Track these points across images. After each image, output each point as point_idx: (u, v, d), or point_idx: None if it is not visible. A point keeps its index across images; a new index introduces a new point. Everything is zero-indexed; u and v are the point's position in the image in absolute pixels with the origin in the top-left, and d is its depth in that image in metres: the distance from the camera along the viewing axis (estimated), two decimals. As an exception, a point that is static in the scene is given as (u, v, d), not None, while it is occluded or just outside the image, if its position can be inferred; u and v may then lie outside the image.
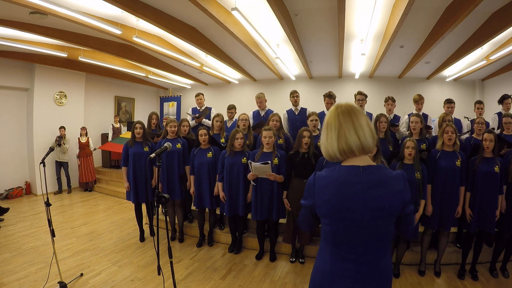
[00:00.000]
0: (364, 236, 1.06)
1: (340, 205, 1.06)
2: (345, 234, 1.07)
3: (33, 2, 3.33)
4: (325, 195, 1.09)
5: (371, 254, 1.07)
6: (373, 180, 1.06)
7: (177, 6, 4.08)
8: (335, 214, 1.08)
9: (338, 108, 1.12)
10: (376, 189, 1.05)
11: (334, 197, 1.07)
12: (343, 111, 1.10)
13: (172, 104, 9.70)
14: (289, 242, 3.39)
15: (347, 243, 1.08)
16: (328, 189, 1.09)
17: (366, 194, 1.05)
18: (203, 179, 3.59)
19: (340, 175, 1.09)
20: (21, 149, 6.67)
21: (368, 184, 1.05)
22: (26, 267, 3.20)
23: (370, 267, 1.07)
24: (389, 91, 6.45)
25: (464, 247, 3.06)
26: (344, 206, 1.06)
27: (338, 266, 1.09)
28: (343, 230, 1.07)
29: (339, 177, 1.08)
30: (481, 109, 4.14)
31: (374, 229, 1.06)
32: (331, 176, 1.10)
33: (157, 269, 1.97)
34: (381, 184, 1.06)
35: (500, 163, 2.85)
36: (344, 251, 1.08)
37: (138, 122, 3.81)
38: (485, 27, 4.26)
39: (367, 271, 1.07)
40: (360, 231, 1.06)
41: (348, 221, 1.06)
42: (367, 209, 1.05)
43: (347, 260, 1.07)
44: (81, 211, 5.53)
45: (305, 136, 3.16)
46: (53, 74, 6.79)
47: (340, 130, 1.07)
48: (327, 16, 4.33)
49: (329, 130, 1.10)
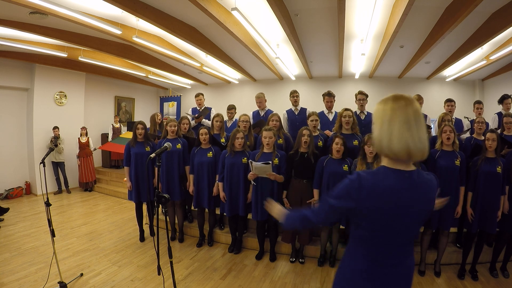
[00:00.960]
0: (401, 239, 1.06)
1: (390, 213, 1.02)
2: (384, 239, 1.05)
3: (33, 2, 3.33)
4: (376, 201, 1.01)
5: (403, 255, 1.07)
6: (417, 186, 1.03)
7: (177, 6, 4.08)
8: (382, 221, 1.03)
9: (405, 99, 1.03)
10: (419, 195, 1.03)
11: (386, 205, 1.01)
12: (408, 104, 1.02)
13: (172, 104, 9.70)
14: (289, 242, 3.39)
15: (384, 247, 1.06)
16: (380, 195, 1.01)
17: (411, 200, 1.03)
18: (203, 179, 3.59)
19: (390, 181, 1.01)
20: (21, 149, 6.67)
21: (413, 191, 1.03)
22: (26, 267, 3.20)
23: (401, 268, 1.07)
24: (389, 91, 6.33)
25: (464, 247, 3.06)
26: (393, 214, 1.02)
27: (373, 268, 1.07)
28: (385, 235, 1.05)
29: (390, 183, 1.01)
30: (480, 109, 4.14)
31: (410, 232, 1.06)
32: (381, 181, 1.02)
33: (157, 269, 1.98)
34: (422, 190, 1.04)
35: (503, 163, 2.84)
36: (380, 253, 1.06)
37: (139, 123, 3.83)
38: (485, 27, 4.26)
39: (399, 273, 1.07)
40: (399, 235, 1.05)
41: (392, 227, 1.04)
42: (410, 214, 1.03)
43: (381, 263, 1.06)
44: (81, 211, 5.53)
45: (305, 135, 3.16)
46: (53, 74, 6.79)
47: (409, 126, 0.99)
48: (327, 16, 4.33)
49: (398, 123, 0.99)
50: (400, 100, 1.02)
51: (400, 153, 0.98)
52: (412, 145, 0.97)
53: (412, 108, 1.00)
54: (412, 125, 0.98)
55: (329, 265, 3.33)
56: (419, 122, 1.00)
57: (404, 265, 1.09)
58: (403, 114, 0.99)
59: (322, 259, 3.37)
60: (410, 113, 0.99)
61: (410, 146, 0.97)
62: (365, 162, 2.89)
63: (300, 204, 3.22)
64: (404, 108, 1.00)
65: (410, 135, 0.97)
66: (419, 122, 1.00)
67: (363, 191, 1.01)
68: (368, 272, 1.07)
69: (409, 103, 1.01)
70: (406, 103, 1.00)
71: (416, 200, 1.03)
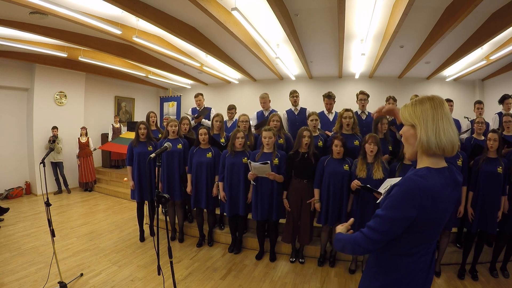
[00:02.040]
0: (434, 238, 1.11)
1: (441, 212, 1.03)
2: (425, 241, 1.08)
3: (33, 2, 3.33)
4: (432, 204, 1.00)
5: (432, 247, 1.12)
6: (453, 182, 1.07)
7: (177, 6, 4.08)
8: (434, 222, 1.03)
9: (441, 102, 1.07)
10: (454, 190, 1.08)
11: (439, 205, 1.02)
12: (444, 105, 1.07)
13: (172, 104, 9.70)
14: (289, 242, 3.39)
15: (424, 251, 1.08)
16: (434, 197, 1.00)
17: (452, 196, 1.06)
18: (201, 180, 3.59)
19: (436, 181, 1.02)
20: (21, 149, 6.67)
21: (452, 186, 1.06)
22: (26, 267, 3.20)
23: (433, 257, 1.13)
24: (389, 91, 6.44)
25: (464, 247, 3.06)
26: (443, 211, 1.04)
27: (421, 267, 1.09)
28: (432, 232, 1.07)
29: (438, 182, 1.02)
30: (480, 109, 4.15)
31: (439, 232, 1.12)
32: (433, 183, 1.01)
33: (157, 269, 1.97)
34: (456, 184, 1.09)
35: (504, 164, 2.84)
36: (424, 257, 1.09)
37: (142, 123, 3.89)
38: (485, 27, 4.26)
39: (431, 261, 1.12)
40: (439, 230, 1.10)
41: (439, 225, 1.07)
42: (449, 210, 1.08)
43: (424, 258, 1.09)
44: (81, 211, 5.53)
45: (305, 136, 3.16)
46: (53, 74, 6.79)
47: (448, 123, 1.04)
48: (327, 16, 4.33)
49: (443, 120, 1.03)
50: (435, 99, 1.07)
51: (447, 147, 1.02)
52: (455, 138, 1.03)
53: (446, 105, 1.07)
54: (451, 120, 1.05)
55: (329, 265, 3.33)
56: (451, 118, 1.07)
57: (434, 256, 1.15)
58: (443, 110, 1.04)
59: (322, 259, 3.37)
60: (446, 109, 1.05)
61: (454, 140, 1.03)
62: (366, 162, 2.89)
63: (300, 204, 3.22)
64: (441, 105, 1.05)
65: (452, 129, 1.03)
66: (451, 118, 1.07)
67: (424, 197, 0.98)
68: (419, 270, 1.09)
69: (442, 101, 1.07)
70: (440, 100, 1.06)
71: (454, 195, 1.07)
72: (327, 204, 3.09)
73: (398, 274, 1.07)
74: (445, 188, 1.04)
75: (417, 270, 1.07)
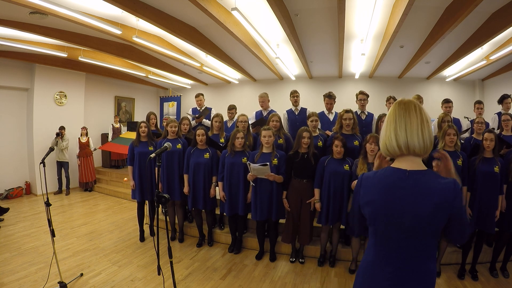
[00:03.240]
0: (403, 241, 1.05)
1: (383, 208, 1.08)
2: (385, 237, 1.09)
3: (33, 2, 3.33)
4: (370, 195, 1.12)
5: (412, 259, 1.05)
6: (416, 187, 1.03)
7: (177, 6, 4.08)
8: (377, 215, 1.09)
9: (399, 103, 1.13)
10: (418, 197, 1.01)
11: (379, 198, 1.09)
12: (401, 107, 1.11)
13: (172, 104, 9.70)
14: (289, 242, 3.39)
15: (387, 246, 1.08)
16: (373, 190, 1.11)
17: (407, 200, 1.03)
18: (199, 180, 3.58)
19: (386, 177, 1.10)
20: (21, 149, 6.67)
21: (411, 191, 1.03)
22: (26, 267, 3.20)
23: (408, 272, 1.05)
24: (389, 91, 6.45)
25: (464, 247, 3.06)
26: (387, 209, 1.07)
27: (379, 264, 1.10)
28: (383, 232, 1.09)
29: (385, 179, 1.10)
30: (480, 109, 4.15)
31: (414, 236, 1.03)
32: (378, 178, 1.12)
33: (157, 269, 1.98)
34: (424, 193, 1.01)
35: (501, 163, 2.85)
36: (385, 251, 1.09)
37: (142, 122, 3.92)
38: (485, 27, 4.26)
39: (406, 276, 1.05)
40: (399, 236, 1.05)
41: (389, 224, 1.07)
42: (407, 216, 1.02)
43: (388, 261, 1.08)
44: (81, 211, 5.53)
45: (305, 137, 3.16)
46: (53, 74, 6.78)
47: (395, 125, 1.09)
48: (327, 16, 4.33)
49: (388, 124, 1.12)
50: (393, 104, 1.17)
51: (393, 149, 1.11)
52: (402, 139, 1.08)
53: (402, 106, 1.13)
54: (404, 120, 1.10)
55: (329, 265, 3.33)
56: (407, 117, 1.11)
57: (417, 269, 1.06)
58: (395, 113, 1.13)
59: (322, 259, 3.37)
60: (400, 111, 1.12)
61: (400, 141, 1.08)
62: (366, 162, 2.89)
63: (300, 204, 3.22)
64: (394, 109, 1.14)
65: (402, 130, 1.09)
66: (407, 118, 1.11)
67: (362, 187, 1.17)
68: (377, 261, 1.11)
69: (397, 103, 1.15)
70: (396, 103, 1.16)
71: (413, 201, 1.02)
72: (327, 204, 3.09)
73: (367, 254, 1.19)
74: (400, 189, 1.05)
75: (366, 260, 1.17)
